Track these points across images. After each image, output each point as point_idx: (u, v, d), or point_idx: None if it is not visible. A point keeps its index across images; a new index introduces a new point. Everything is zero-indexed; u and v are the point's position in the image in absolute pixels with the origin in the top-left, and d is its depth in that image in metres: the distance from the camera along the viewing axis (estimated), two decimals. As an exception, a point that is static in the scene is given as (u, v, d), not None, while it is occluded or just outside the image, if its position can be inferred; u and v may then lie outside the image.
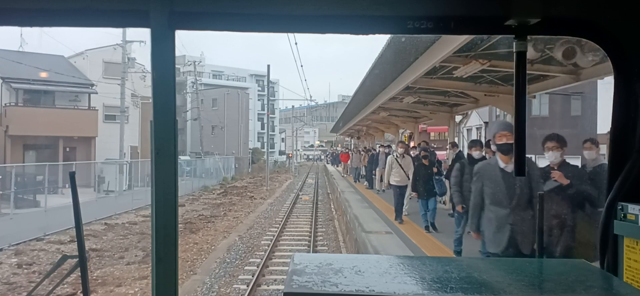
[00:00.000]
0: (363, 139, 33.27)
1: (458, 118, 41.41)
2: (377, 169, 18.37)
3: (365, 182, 22.98)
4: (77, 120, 31.43)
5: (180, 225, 19.79)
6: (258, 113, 73.46)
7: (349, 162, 29.22)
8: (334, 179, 30.20)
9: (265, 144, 37.67)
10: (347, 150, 28.49)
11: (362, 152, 27.04)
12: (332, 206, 24.19)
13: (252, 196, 29.60)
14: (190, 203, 26.57)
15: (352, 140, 63.27)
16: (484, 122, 41.44)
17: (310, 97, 38.62)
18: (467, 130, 44.57)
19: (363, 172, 27.56)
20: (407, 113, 17.28)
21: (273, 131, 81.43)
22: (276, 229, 17.30)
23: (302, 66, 54.22)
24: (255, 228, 18.10)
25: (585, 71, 7.99)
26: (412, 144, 29.18)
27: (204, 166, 47.37)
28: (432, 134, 50.03)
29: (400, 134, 23.32)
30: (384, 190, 17.74)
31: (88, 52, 34.92)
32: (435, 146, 27.80)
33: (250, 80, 71.64)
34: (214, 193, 31.70)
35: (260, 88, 74.33)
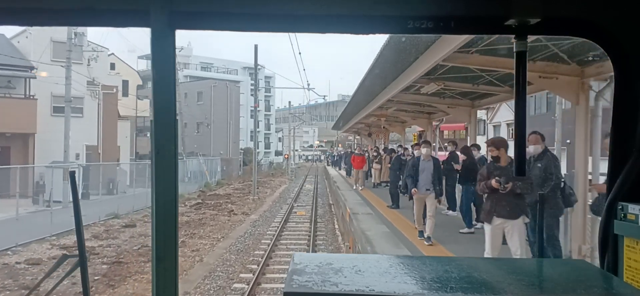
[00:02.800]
0: (376, 136, 26.65)
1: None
2: (417, 195, 9.27)
3: (364, 190, 16.36)
4: (10, 111, 24.74)
5: (104, 265, 13.24)
6: (251, 110, 66.70)
7: (365, 168, 21.15)
8: (337, 186, 23.58)
9: (254, 143, 31.05)
10: (362, 152, 20.46)
11: (377, 153, 20.29)
12: (337, 227, 17.63)
13: (232, 210, 22.91)
14: (146, 222, 19.88)
15: (355, 139, 56.58)
16: (518, 117, 34.69)
17: (308, 84, 31.81)
18: (494, 126, 38.00)
19: (371, 178, 20.85)
20: (471, 86, 10.57)
21: (269, 130, 74.86)
22: (250, 277, 10.71)
23: (300, 53, 47.72)
24: (216, 274, 11.46)
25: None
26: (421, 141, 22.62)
27: (185, 169, 41.23)
28: (445, 133, 44.39)
29: (434, 129, 16.71)
30: (429, 237, 9.09)
31: (33, 28, 28.19)
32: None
33: (243, 74, 64.93)
34: (185, 206, 25.03)
35: (254, 82, 67.67)
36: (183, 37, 72.81)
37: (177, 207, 1.34)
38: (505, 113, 34.58)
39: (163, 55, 1.31)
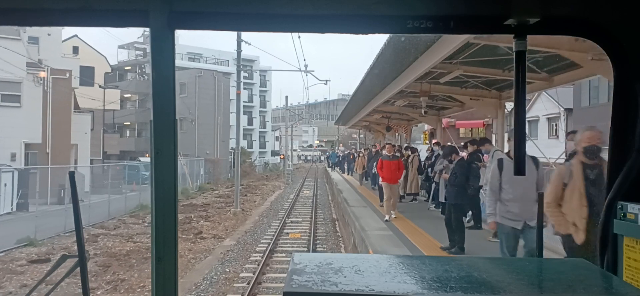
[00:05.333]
0: (396, 131, 20.66)
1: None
2: None
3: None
4: None
5: None
6: (244, 105, 60.60)
7: (404, 180, 13.25)
8: (344, 198, 17.68)
9: (237, 141, 25.08)
10: (395, 154, 12.06)
11: (404, 152, 14.10)
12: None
13: (201, 231, 16.85)
14: (66, 248, 13.83)
15: (360, 136, 50.47)
16: (566, 109, 28.84)
17: (306, 66, 25.95)
18: (528, 121, 31.98)
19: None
20: None
21: (264, 128, 68.84)
22: None
23: (299, 37, 41.63)
24: None
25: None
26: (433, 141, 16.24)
27: None
28: (461, 130, 38.98)
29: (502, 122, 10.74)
30: None
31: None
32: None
33: (235, 65, 58.84)
34: (142, 223, 19.07)
35: (247, 75, 61.48)
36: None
37: (177, 207, 1.33)
38: (542, 105, 28.60)
39: (162, 56, 1.31)
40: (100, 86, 30.23)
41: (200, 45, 57.07)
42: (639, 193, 1.40)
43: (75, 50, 32.46)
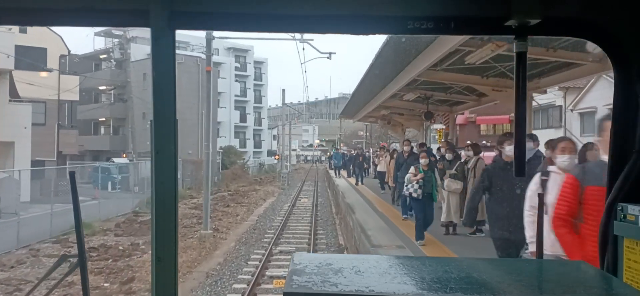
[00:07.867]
0: (433, 121, 14.55)
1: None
2: None
3: None
4: None
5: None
6: (237, 100, 54.66)
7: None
8: (355, 216, 11.88)
9: (211, 136, 19.12)
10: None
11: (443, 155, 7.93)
12: None
13: (132, 278, 10.90)
14: None
15: (367, 134, 44.30)
16: None
17: (302, 35, 20.56)
18: (582, 113, 26.07)
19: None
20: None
21: (260, 125, 62.94)
22: None
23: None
24: None
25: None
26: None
27: (138, 175, 30.20)
28: (482, 127, 33.77)
29: None
30: None
31: None
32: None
33: (226, 55, 52.93)
34: (70, 251, 13.11)
35: (239, 65, 55.56)
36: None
37: (177, 207, 1.33)
38: (600, 93, 22.83)
39: (163, 56, 1.31)
40: (44, 69, 24.34)
41: (187, 32, 51.18)
42: (639, 195, 1.39)
43: (23, 28, 26.57)
